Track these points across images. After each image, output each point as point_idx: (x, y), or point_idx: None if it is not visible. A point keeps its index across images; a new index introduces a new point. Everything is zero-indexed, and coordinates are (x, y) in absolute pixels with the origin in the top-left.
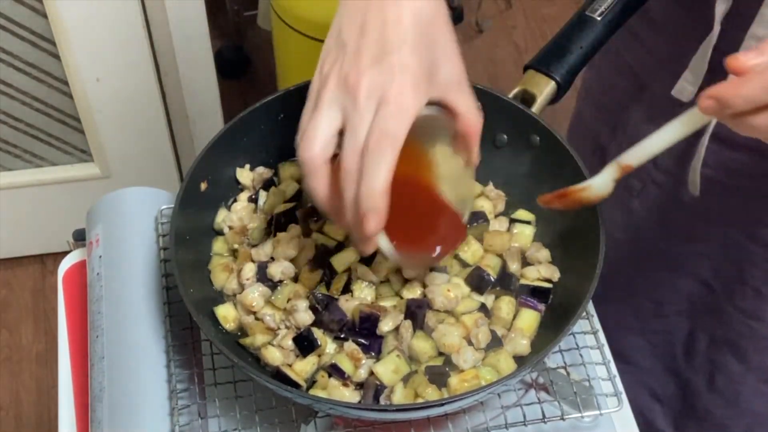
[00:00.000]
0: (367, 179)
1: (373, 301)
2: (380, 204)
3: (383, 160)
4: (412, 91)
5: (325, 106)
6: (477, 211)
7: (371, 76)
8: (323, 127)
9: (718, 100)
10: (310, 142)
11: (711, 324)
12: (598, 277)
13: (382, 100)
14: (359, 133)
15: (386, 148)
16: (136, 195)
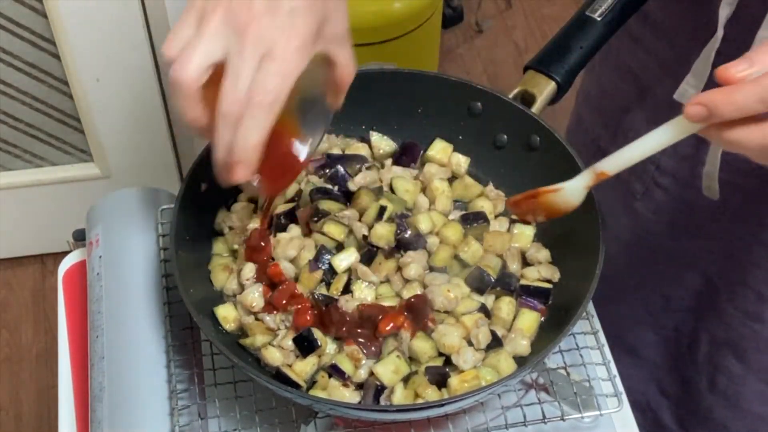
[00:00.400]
0: (244, 134)
1: (373, 302)
2: (252, 158)
3: (262, 118)
4: (298, 53)
5: (208, 34)
6: (477, 211)
7: (262, 26)
8: (202, 55)
9: (707, 107)
10: (186, 65)
11: (713, 324)
12: (598, 277)
13: (267, 54)
14: (241, 81)
15: (266, 107)
16: (136, 195)
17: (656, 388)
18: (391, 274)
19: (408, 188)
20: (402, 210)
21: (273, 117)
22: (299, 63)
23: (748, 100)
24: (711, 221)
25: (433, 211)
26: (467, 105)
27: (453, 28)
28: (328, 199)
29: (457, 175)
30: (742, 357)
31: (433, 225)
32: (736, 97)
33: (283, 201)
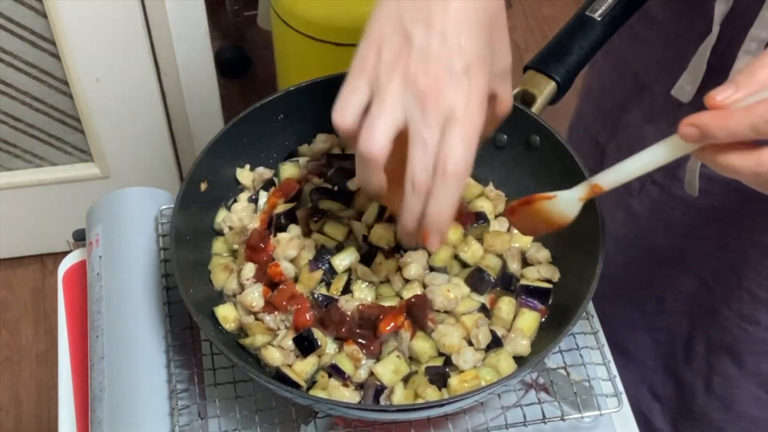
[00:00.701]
0: (437, 205)
1: (373, 302)
2: (447, 227)
3: (454, 188)
4: (479, 111)
5: (389, 103)
6: (477, 211)
7: (442, 89)
8: (387, 125)
9: (701, 129)
10: (374, 135)
11: (709, 326)
12: (598, 277)
13: (451, 118)
14: (429, 149)
15: (458, 177)
16: (136, 195)
17: (648, 390)
18: (391, 274)
19: None
20: None
21: (464, 184)
22: (481, 120)
23: (740, 126)
24: (706, 221)
25: None
26: None
27: None
28: (328, 199)
29: None
30: (737, 359)
31: None
32: (728, 122)
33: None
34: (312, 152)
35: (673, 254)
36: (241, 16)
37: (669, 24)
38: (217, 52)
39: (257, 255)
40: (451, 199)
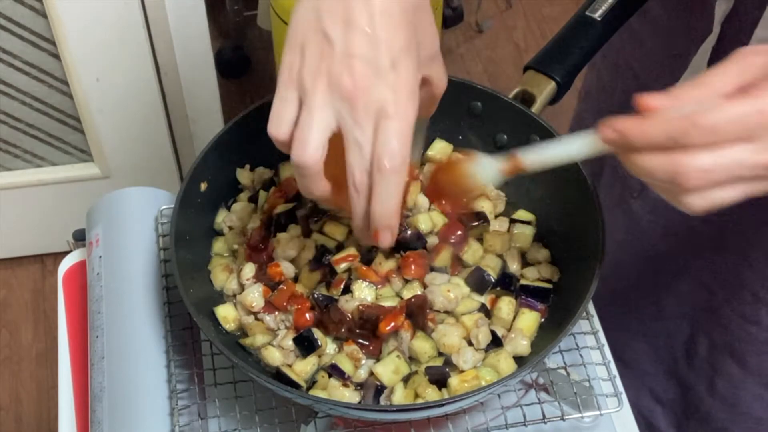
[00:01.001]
0: (380, 202)
1: (373, 302)
2: (395, 222)
3: (395, 182)
4: (410, 101)
5: (317, 108)
6: (477, 211)
7: (368, 88)
8: (318, 131)
9: (620, 133)
10: (305, 146)
11: (711, 328)
12: (598, 277)
13: (381, 113)
14: (364, 150)
15: (396, 171)
16: (136, 195)
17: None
18: (391, 274)
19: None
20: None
21: (404, 176)
22: (413, 110)
23: (657, 133)
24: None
25: (433, 211)
26: (467, 105)
27: (453, 28)
28: None
29: None
30: (741, 360)
31: (433, 225)
32: (646, 128)
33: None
34: None
35: (673, 256)
36: (241, 16)
37: (669, 24)
38: (217, 52)
39: (257, 255)
40: (393, 195)
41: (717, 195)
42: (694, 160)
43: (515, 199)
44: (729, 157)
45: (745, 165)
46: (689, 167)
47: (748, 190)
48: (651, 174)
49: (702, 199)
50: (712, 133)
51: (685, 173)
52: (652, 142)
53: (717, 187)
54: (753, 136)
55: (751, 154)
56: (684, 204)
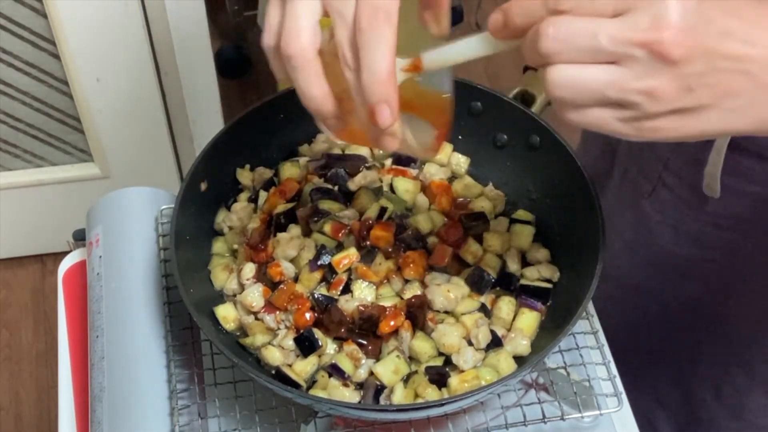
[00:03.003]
0: (368, 65)
1: (373, 302)
2: (389, 90)
3: (381, 38)
4: None
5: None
6: (477, 211)
7: None
8: (305, 15)
9: (503, 11)
10: (295, 34)
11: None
12: (598, 277)
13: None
14: (347, 14)
15: (382, 24)
16: (136, 195)
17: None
18: (391, 274)
19: (408, 188)
20: (402, 210)
21: (393, 30)
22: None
23: (534, 1)
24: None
25: (433, 211)
26: (467, 105)
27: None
28: (328, 199)
29: (457, 175)
30: (747, 368)
31: (433, 225)
32: (525, 1)
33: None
34: (312, 152)
35: (681, 260)
36: (241, 16)
37: None
38: (217, 52)
39: (257, 255)
40: (378, 54)
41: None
42: (553, 19)
43: (515, 199)
44: (590, 23)
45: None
46: (547, 25)
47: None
48: (523, 45)
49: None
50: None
51: (542, 31)
52: (529, 13)
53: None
54: (625, 10)
55: (616, 25)
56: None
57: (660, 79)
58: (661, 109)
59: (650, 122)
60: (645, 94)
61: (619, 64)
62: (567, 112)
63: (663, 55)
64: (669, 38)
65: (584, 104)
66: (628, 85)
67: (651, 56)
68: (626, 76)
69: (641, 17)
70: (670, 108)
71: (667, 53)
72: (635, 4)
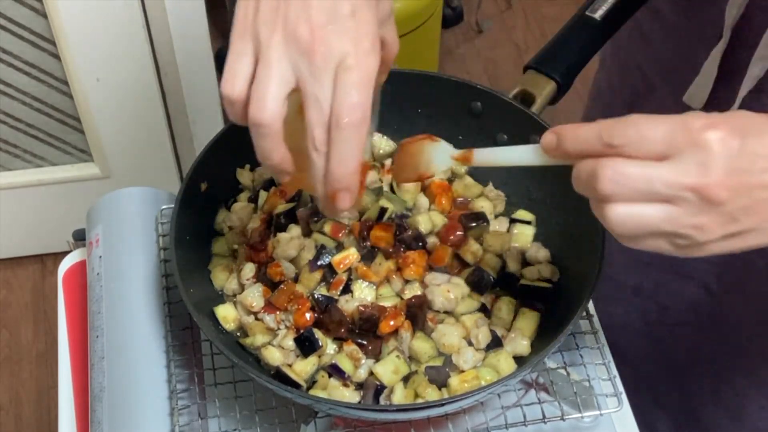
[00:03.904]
0: (339, 160)
1: (373, 302)
2: (353, 183)
3: (354, 138)
4: (372, 53)
5: (274, 62)
6: (477, 212)
7: (327, 38)
8: (276, 86)
9: (557, 135)
10: (263, 103)
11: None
12: (598, 277)
13: (341, 65)
14: (323, 104)
15: (358, 125)
16: (136, 195)
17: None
18: (391, 274)
19: (408, 188)
20: (402, 210)
21: (365, 133)
22: (375, 62)
23: (589, 134)
24: None
25: (433, 211)
26: (467, 105)
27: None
28: None
29: (457, 175)
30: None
31: (433, 225)
32: (580, 130)
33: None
34: None
35: (677, 264)
36: None
37: (679, 26)
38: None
39: (257, 255)
40: (352, 152)
41: (635, 211)
42: (609, 162)
43: (515, 199)
44: (645, 168)
45: (660, 180)
46: (604, 168)
47: (673, 216)
48: (576, 177)
49: (620, 211)
50: (635, 132)
51: (600, 173)
52: (582, 141)
53: (633, 201)
54: (674, 153)
55: (668, 170)
56: (603, 215)
57: (709, 216)
58: (710, 238)
59: (700, 248)
60: (695, 228)
61: (671, 203)
62: (624, 241)
63: (710, 198)
64: (714, 183)
65: (641, 236)
66: (680, 222)
67: (700, 199)
68: (678, 214)
69: (690, 163)
70: (719, 236)
71: (714, 197)
72: (683, 148)
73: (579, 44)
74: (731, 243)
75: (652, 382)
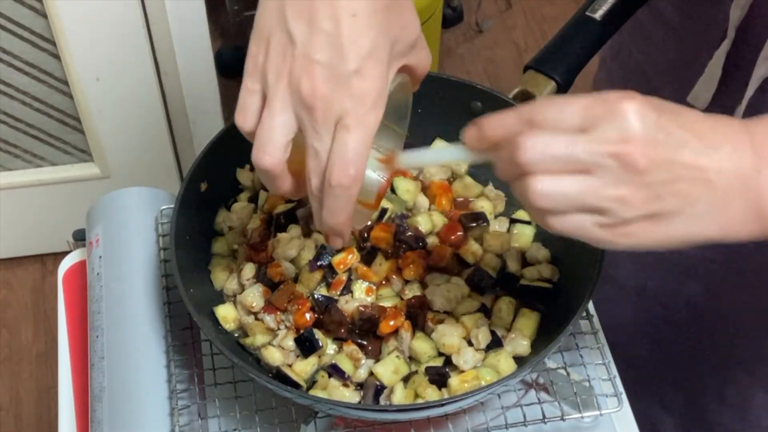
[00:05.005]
0: (330, 212)
1: (373, 302)
2: (343, 231)
3: (343, 196)
4: (374, 109)
5: (279, 110)
6: (477, 212)
7: (328, 95)
8: (279, 134)
9: (479, 125)
10: (266, 149)
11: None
12: (598, 277)
13: (341, 123)
14: (321, 156)
15: (346, 186)
16: (136, 195)
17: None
18: (391, 274)
19: (408, 188)
20: (402, 210)
21: (356, 190)
22: (375, 119)
23: (509, 117)
24: None
25: (433, 211)
26: (467, 105)
27: (453, 28)
28: None
29: (457, 175)
30: (750, 369)
31: (433, 225)
32: (499, 116)
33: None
34: None
35: (683, 260)
36: (241, 16)
37: (682, 27)
38: (217, 52)
39: (257, 255)
40: (341, 208)
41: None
42: (530, 133)
43: (515, 199)
44: (565, 136)
45: (580, 146)
46: (525, 138)
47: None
48: (498, 158)
49: (541, 186)
50: (554, 107)
51: (520, 143)
52: (504, 126)
53: (554, 174)
54: (593, 124)
55: (588, 138)
56: (525, 190)
57: (630, 187)
58: (632, 215)
59: (624, 228)
60: (617, 201)
61: (592, 173)
62: (548, 219)
63: (630, 165)
64: (633, 148)
65: (563, 211)
66: (601, 192)
67: (620, 165)
68: (599, 184)
69: (609, 130)
70: (641, 213)
71: (633, 163)
72: (601, 118)
73: (579, 44)
74: (654, 228)
75: (657, 383)
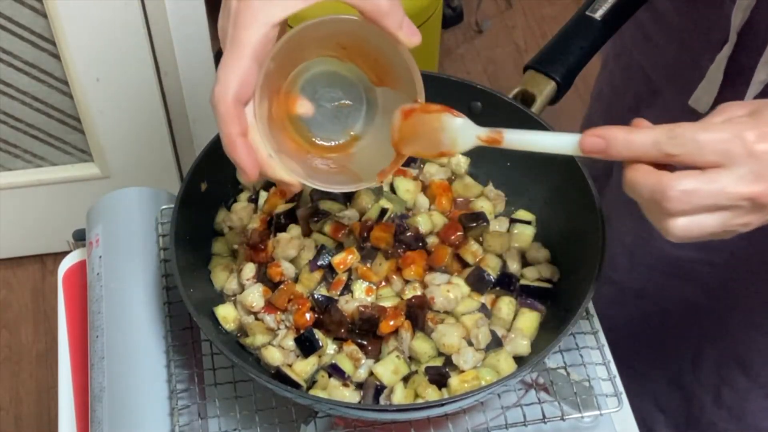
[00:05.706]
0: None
1: (373, 302)
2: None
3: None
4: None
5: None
6: (477, 212)
7: None
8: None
9: (606, 140)
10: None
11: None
12: (598, 277)
13: None
14: None
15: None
16: (136, 195)
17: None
18: (391, 274)
19: (408, 188)
20: (402, 210)
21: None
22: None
23: (644, 142)
24: None
25: (433, 211)
26: (467, 105)
27: (453, 28)
28: (328, 199)
29: (457, 175)
30: (748, 370)
31: (433, 225)
32: (634, 137)
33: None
34: None
35: (681, 263)
36: None
37: (684, 29)
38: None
39: (257, 255)
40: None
41: (696, 221)
42: (675, 182)
43: (515, 199)
44: (710, 184)
45: (724, 193)
46: (672, 189)
47: (727, 221)
48: (635, 187)
49: (683, 223)
50: (693, 142)
51: (669, 194)
52: (635, 150)
53: (697, 213)
54: (732, 162)
55: (728, 182)
56: (666, 228)
57: (755, 216)
58: (752, 227)
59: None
60: (742, 226)
61: (727, 210)
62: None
63: (759, 205)
64: (765, 189)
65: (697, 237)
66: (731, 223)
67: (753, 204)
68: (731, 218)
69: (746, 174)
70: (755, 227)
71: (764, 203)
72: (739, 159)
73: (579, 44)
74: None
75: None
